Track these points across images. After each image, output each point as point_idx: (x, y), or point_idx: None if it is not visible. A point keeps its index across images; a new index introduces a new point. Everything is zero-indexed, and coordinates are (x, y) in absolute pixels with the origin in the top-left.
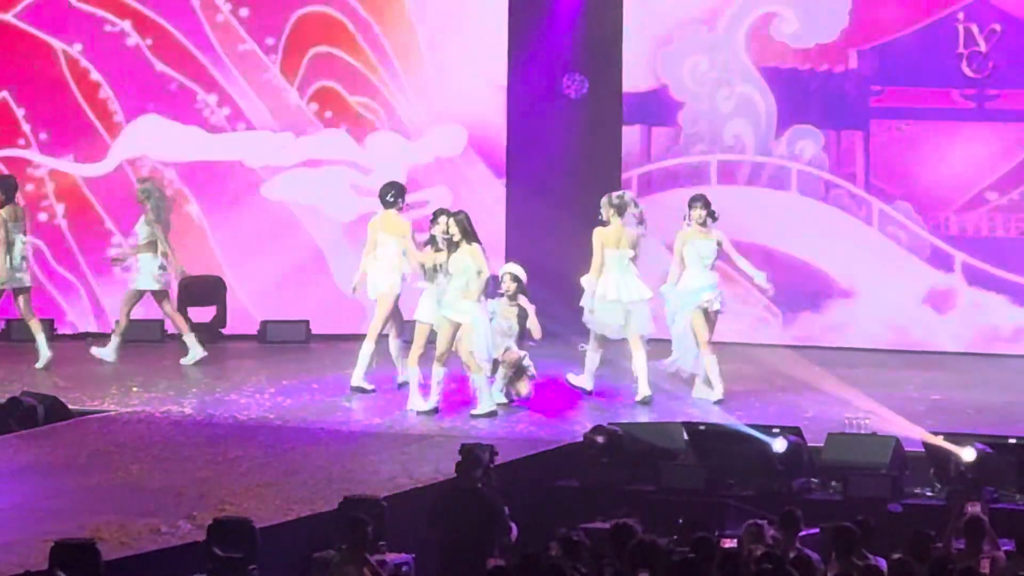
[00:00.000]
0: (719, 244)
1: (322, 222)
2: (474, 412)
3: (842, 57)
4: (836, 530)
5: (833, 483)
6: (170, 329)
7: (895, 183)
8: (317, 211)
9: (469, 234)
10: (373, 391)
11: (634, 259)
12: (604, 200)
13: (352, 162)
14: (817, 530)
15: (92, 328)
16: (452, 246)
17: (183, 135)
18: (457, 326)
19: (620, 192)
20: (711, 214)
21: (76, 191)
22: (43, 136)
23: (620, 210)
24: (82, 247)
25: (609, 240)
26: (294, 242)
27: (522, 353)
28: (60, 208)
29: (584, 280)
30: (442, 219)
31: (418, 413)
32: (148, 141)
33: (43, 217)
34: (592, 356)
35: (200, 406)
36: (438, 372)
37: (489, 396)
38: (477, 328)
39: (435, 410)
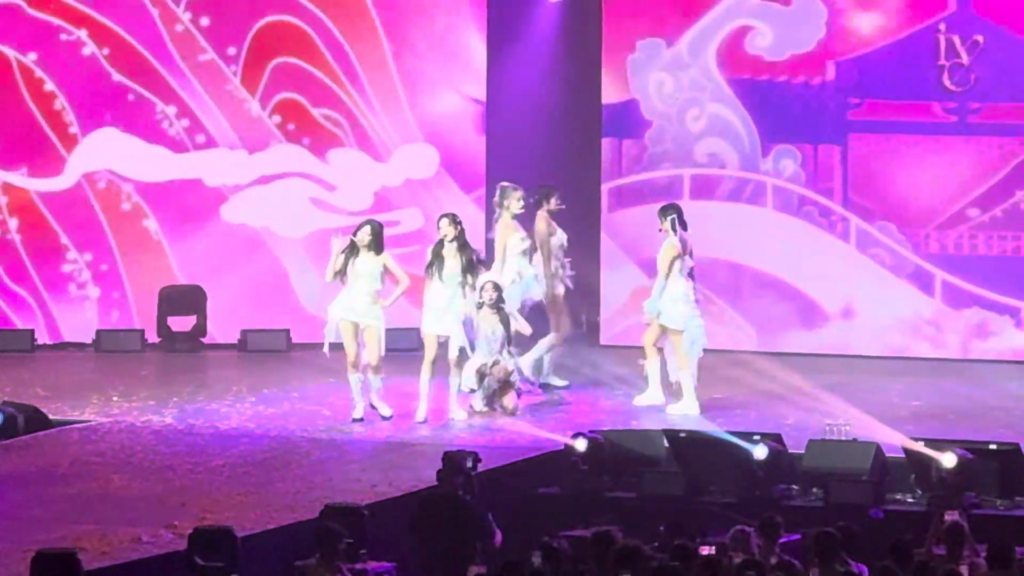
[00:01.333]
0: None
1: (285, 237)
2: (385, 415)
3: (819, 69)
4: (818, 536)
5: (814, 489)
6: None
7: (874, 198)
8: (281, 226)
9: (379, 244)
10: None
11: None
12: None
13: (316, 177)
14: (798, 536)
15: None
16: (355, 250)
17: (141, 148)
18: (358, 328)
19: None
20: (670, 225)
21: (30, 206)
22: None
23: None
24: (35, 262)
25: None
26: (261, 256)
27: (510, 368)
28: (13, 223)
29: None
30: (443, 222)
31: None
32: (105, 154)
33: None
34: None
35: (181, 415)
36: (357, 379)
37: (382, 403)
38: (382, 332)
39: (362, 419)
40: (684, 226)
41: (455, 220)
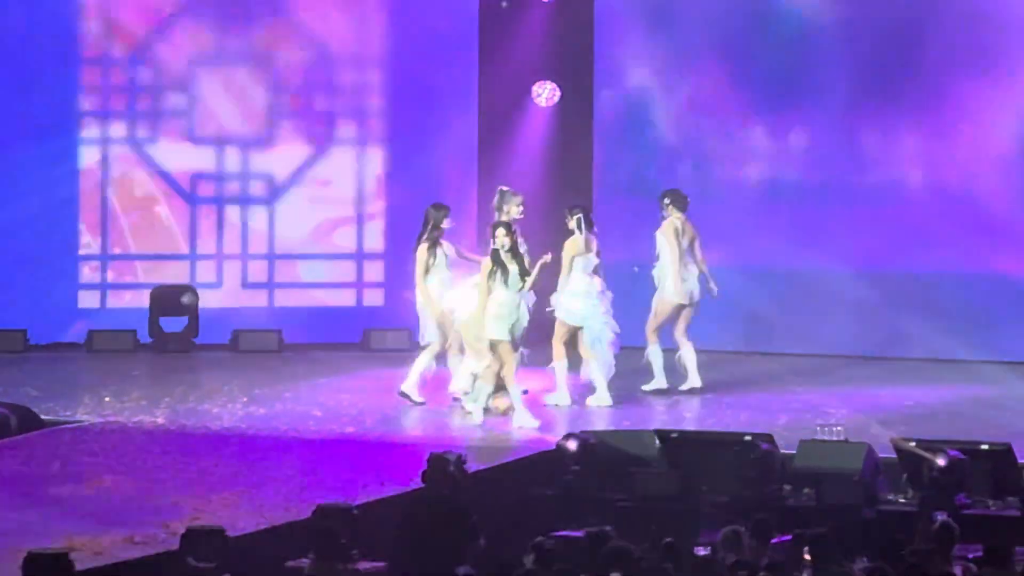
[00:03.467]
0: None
1: (283, 230)
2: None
3: (814, 44)
4: (813, 537)
5: (806, 490)
6: None
7: (869, 177)
8: (280, 222)
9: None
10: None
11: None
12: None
13: (319, 172)
14: (790, 537)
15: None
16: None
17: (149, 139)
18: None
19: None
20: (575, 223)
21: None
22: None
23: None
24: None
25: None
26: (259, 252)
27: None
28: None
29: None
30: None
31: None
32: (113, 143)
33: None
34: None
35: (173, 416)
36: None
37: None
38: None
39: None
40: (590, 225)
41: (510, 228)
